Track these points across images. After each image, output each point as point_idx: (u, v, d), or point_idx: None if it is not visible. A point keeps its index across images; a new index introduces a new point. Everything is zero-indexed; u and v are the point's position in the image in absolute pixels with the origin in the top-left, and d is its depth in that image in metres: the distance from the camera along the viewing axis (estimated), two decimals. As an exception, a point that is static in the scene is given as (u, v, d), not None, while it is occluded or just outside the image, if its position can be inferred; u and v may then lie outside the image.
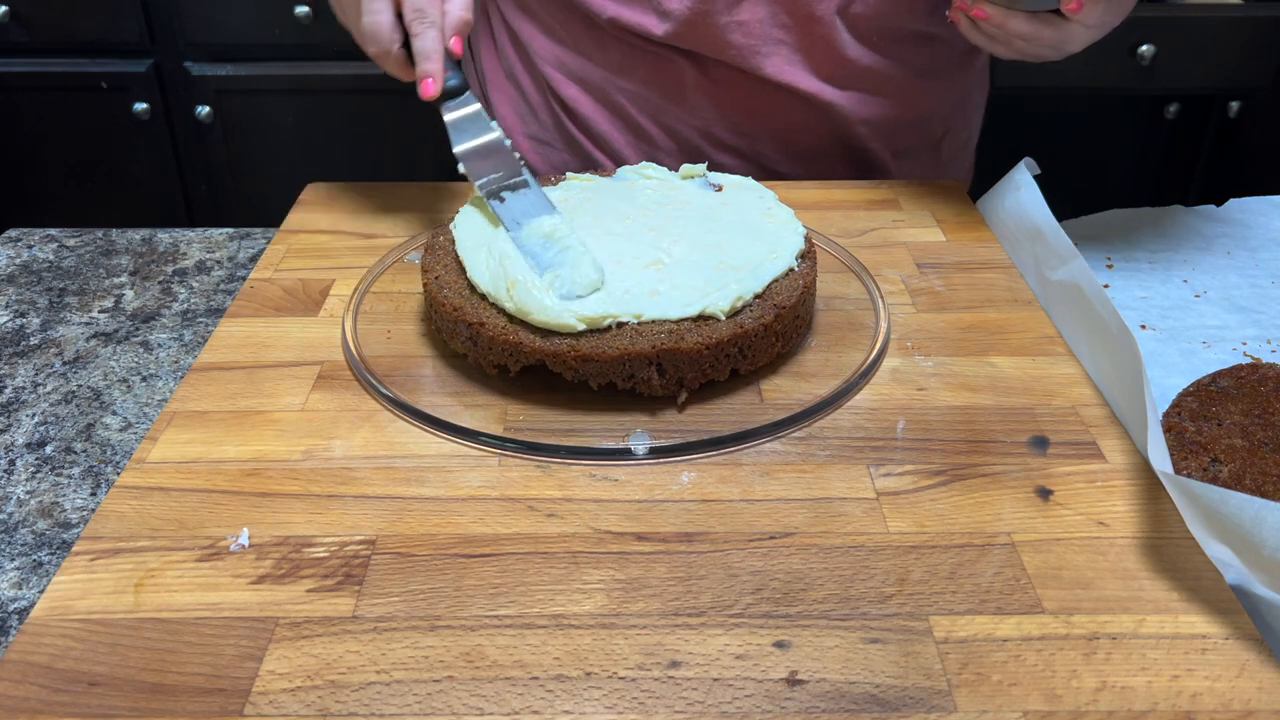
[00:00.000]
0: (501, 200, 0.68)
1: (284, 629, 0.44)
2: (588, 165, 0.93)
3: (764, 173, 0.90)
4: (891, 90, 0.87)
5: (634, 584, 0.47)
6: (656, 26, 0.82)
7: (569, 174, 0.74)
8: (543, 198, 0.68)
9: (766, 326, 0.59)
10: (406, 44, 0.70)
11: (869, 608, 0.45)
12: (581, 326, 0.57)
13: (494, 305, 0.60)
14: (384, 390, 0.59)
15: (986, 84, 1.01)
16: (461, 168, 0.70)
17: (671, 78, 0.86)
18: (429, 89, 0.69)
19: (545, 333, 0.57)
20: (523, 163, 0.70)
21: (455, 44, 0.70)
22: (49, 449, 0.59)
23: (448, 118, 0.71)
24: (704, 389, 0.59)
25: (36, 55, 1.91)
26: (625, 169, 0.76)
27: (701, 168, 0.74)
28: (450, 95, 0.71)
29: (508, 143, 0.71)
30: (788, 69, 0.84)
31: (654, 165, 0.75)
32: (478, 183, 0.69)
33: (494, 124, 0.72)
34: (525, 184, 0.69)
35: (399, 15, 0.69)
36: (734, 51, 0.82)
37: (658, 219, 0.67)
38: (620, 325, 0.57)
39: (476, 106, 0.72)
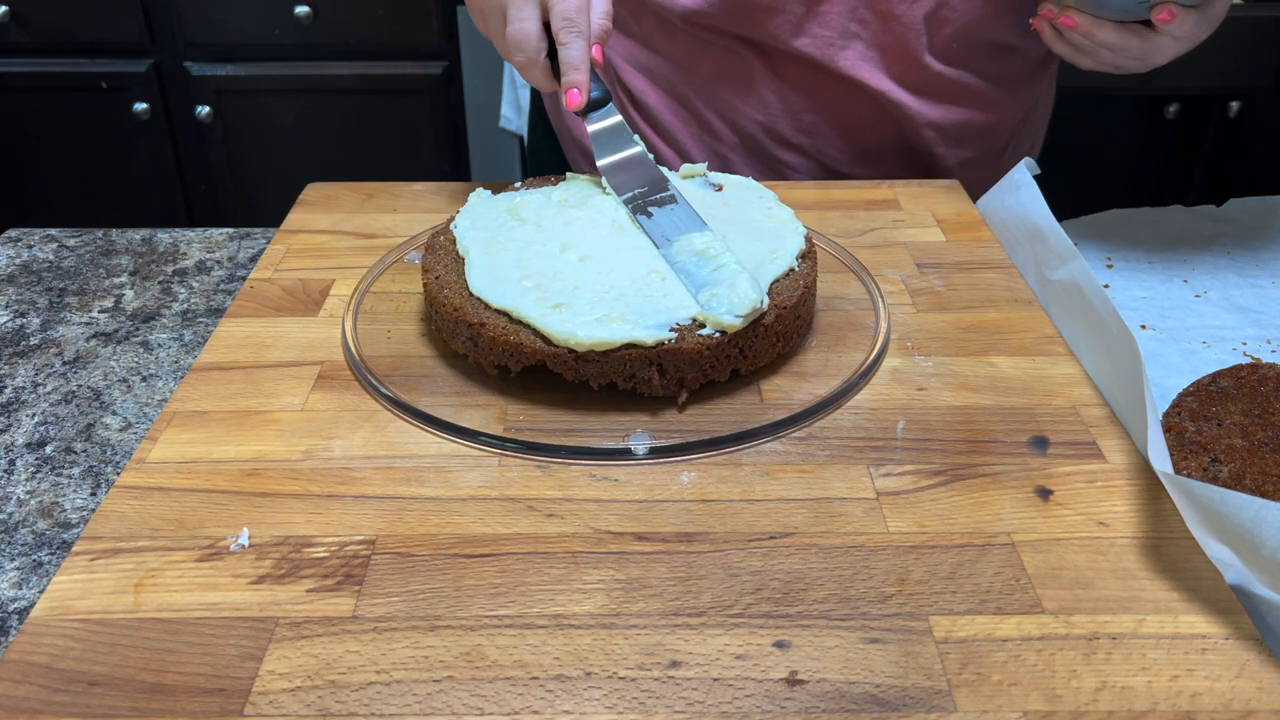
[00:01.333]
0: (649, 215, 0.66)
1: (284, 629, 0.44)
2: (656, 159, 0.92)
3: (825, 172, 0.91)
4: (963, 97, 0.87)
5: (634, 584, 0.47)
6: (730, 22, 0.83)
7: (568, 174, 0.74)
8: (692, 213, 0.66)
9: (767, 327, 0.59)
10: (551, 52, 0.69)
11: (869, 608, 0.45)
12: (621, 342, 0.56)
13: (500, 310, 0.59)
14: (384, 390, 0.59)
15: (1053, 94, 1.00)
16: (605, 182, 0.70)
17: (740, 71, 0.86)
18: (575, 99, 0.69)
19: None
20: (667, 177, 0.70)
21: (597, 53, 0.70)
22: (49, 449, 0.59)
23: (591, 129, 0.71)
24: (704, 389, 0.59)
25: (36, 55, 1.91)
26: None
27: (702, 167, 0.74)
28: (594, 106, 0.71)
29: (650, 156, 0.71)
30: (861, 65, 0.83)
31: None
32: (622, 197, 0.68)
33: (636, 138, 0.72)
34: (673, 199, 0.67)
35: (545, 24, 0.69)
36: (808, 40, 0.82)
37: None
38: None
39: (619, 119, 0.72)
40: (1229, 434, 0.57)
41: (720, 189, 0.72)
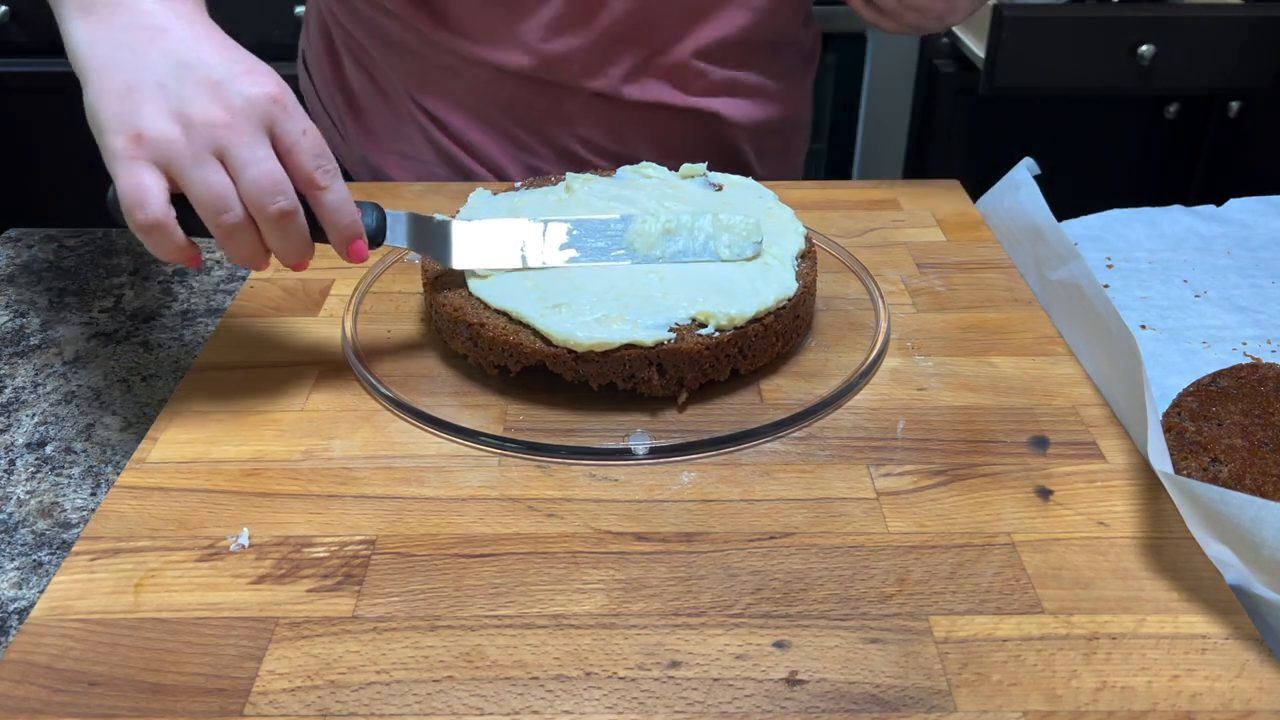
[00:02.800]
0: (574, 253, 0.62)
1: (284, 629, 0.44)
2: (466, 178, 0.91)
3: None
4: (756, 93, 0.91)
5: (634, 584, 0.47)
6: (524, 65, 0.84)
7: (569, 174, 0.74)
8: (594, 222, 0.64)
9: (766, 326, 0.59)
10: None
11: (869, 608, 0.45)
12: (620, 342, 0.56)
13: (500, 311, 0.59)
14: (384, 390, 0.59)
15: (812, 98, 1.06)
16: (490, 267, 0.62)
17: (545, 102, 0.87)
18: (362, 250, 0.57)
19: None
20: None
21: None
22: (49, 449, 0.59)
23: (408, 257, 0.66)
24: (704, 389, 0.59)
25: (36, 55, 1.91)
26: (626, 168, 0.76)
27: (701, 167, 0.74)
28: (378, 236, 0.59)
29: (469, 223, 0.64)
30: (654, 88, 0.86)
31: (654, 165, 0.75)
32: (520, 264, 0.62)
33: (437, 216, 0.64)
34: (567, 224, 0.64)
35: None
36: (601, 82, 0.85)
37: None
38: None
39: (405, 217, 0.60)
40: (1229, 434, 0.57)
41: (720, 189, 0.72)
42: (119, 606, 0.46)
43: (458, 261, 0.62)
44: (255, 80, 0.53)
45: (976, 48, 1.70)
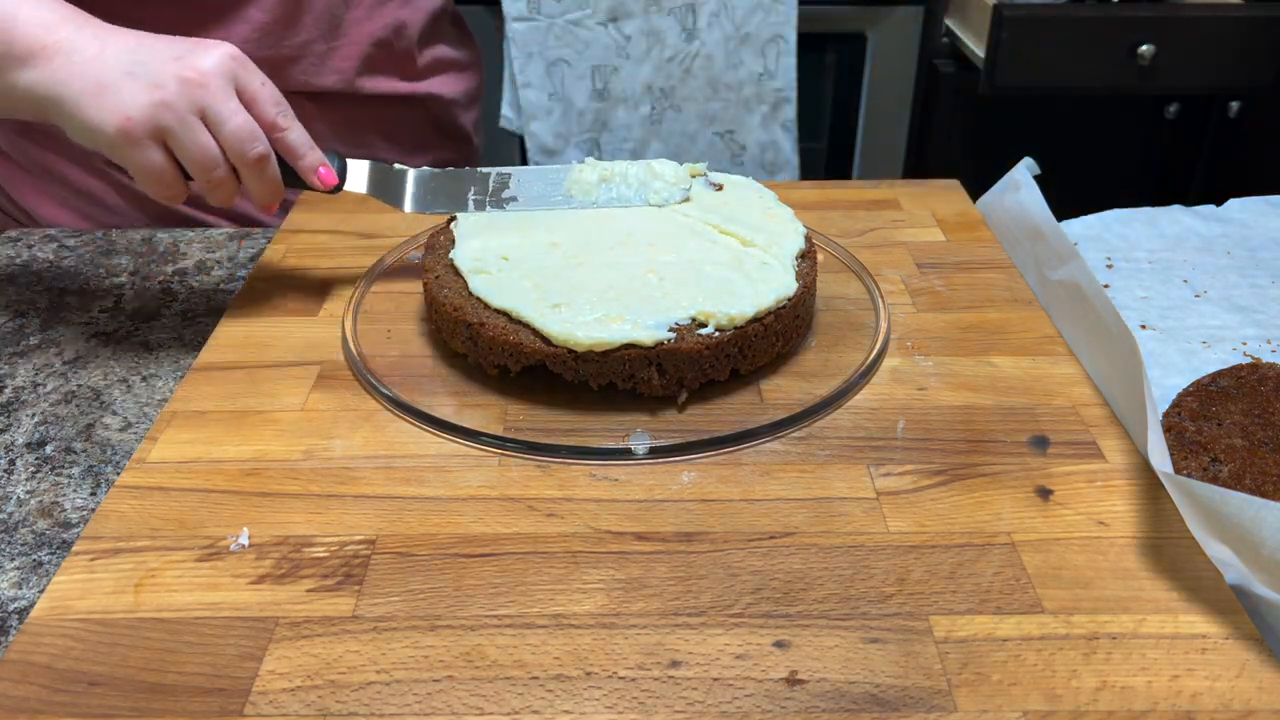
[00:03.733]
0: (516, 199, 0.69)
1: (284, 629, 0.44)
2: (183, 224, 0.86)
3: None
4: (453, 66, 0.94)
5: (634, 584, 0.47)
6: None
7: (574, 161, 0.75)
8: (541, 171, 0.70)
9: (766, 326, 0.59)
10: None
11: (869, 608, 0.45)
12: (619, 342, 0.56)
13: (499, 310, 0.59)
14: (384, 390, 0.59)
15: None
16: (439, 211, 0.70)
17: None
18: (329, 177, 0.64)
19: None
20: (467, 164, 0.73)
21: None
22: (49, 449, 0.59)
23: (365, 191, 0.68)
24: (704, 389, 0.59)
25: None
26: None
27: (702, 166, 0.74)
28: (340, 177, 0.66)
29: (425, 169, 0.70)
30: (381, 80, 0.88)
31: (663, 160, 0.75)
32: (468, 209, 0.69)
33: (396, 164, 0.70)
34: (509, 175, 0.70)
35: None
36: (335, 77, 0.85)
37: (658, 220, 0.67)
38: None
39: (367, 164, 0.68)
40: (1229, 434, 0.57)
41: (720, 188, 0.72)
42: (119, 606, 0.46)
43: (410, 206, 0.69)
44: (209, 46, 0.59)
45: (976, 48, 1.70)
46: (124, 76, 0.57)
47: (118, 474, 0.56)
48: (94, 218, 0.86)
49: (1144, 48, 1.57)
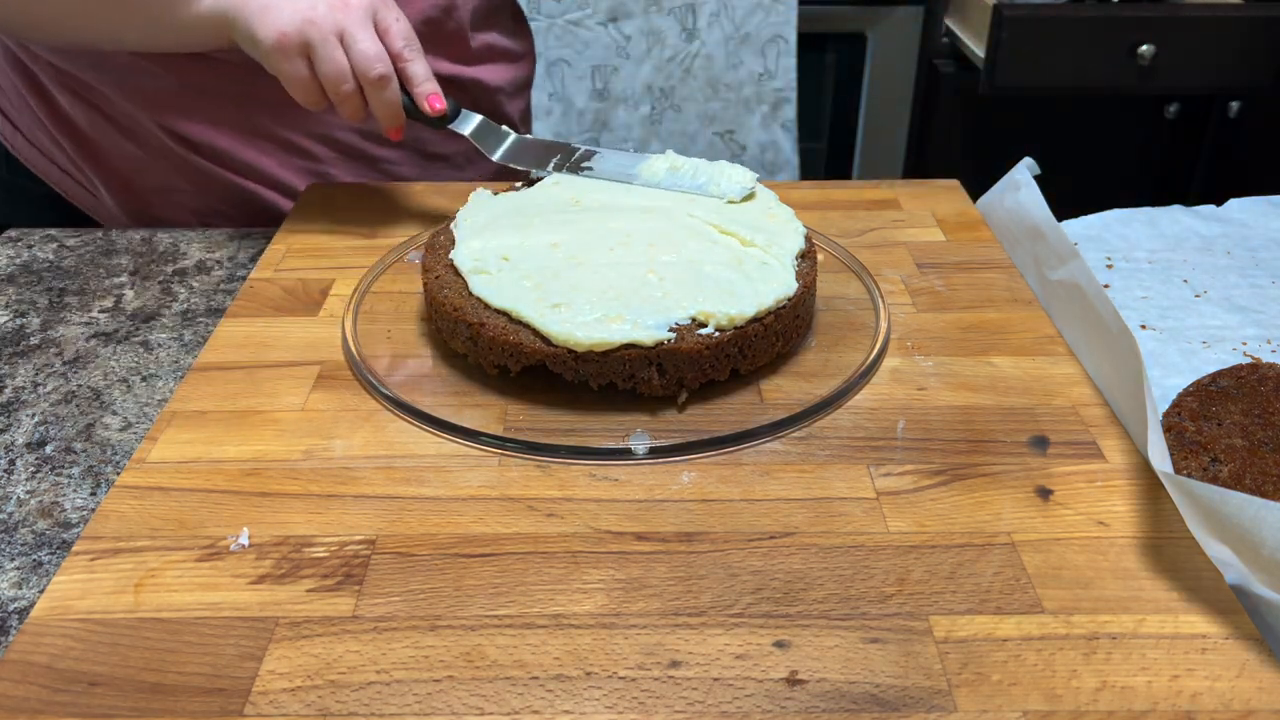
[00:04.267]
0: (592, 170, 0.73)
1: (284, 629, 0.44)
2: (241, 203, 0.88)
3: (425, 158, 0.94)
4: (505, 56, 0.97)
5: (634, 584, 0.47)
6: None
7: (584, 146, 0.75)
8: (627, 153, 0.75)
9: (766, 326, 0.59)
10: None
11: (869, 608, 0.45)
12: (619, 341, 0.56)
13: (499, 310, 0.59)
14: (384, 390, 0.59)
15: None
16: (522, 166, 0.75)
17: None
18: (437, 103, 0.73)
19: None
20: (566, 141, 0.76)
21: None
22: (49, 449, 0.59)
23: (467, 132, 0.76)
24: (704, 389, 0.59)
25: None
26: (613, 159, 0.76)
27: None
28: (453, 116, 0.75)
29: (527, 136, 0.77)
30: (430, 61, 0.86)
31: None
32: (548, 170, 0.74)
33: (504, 128, 0.77)
34: (594, 152, 0.75)
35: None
36: None
37: (659, 221, 0.67)
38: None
39: (481, 118, 0.76)
40: (1229, 434, 0.57)
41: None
42: (119, 606, 0.46)
43: (498, 157, 0.76)
44: None
45: (976, 48, 1.70)
46: (286, 1, 0.68)
47: (118, 474, 0.56)
48: (145, 179, 0.88)
49: (1144, 48, 1.58)
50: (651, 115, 1.83)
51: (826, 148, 2.03)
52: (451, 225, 0.69)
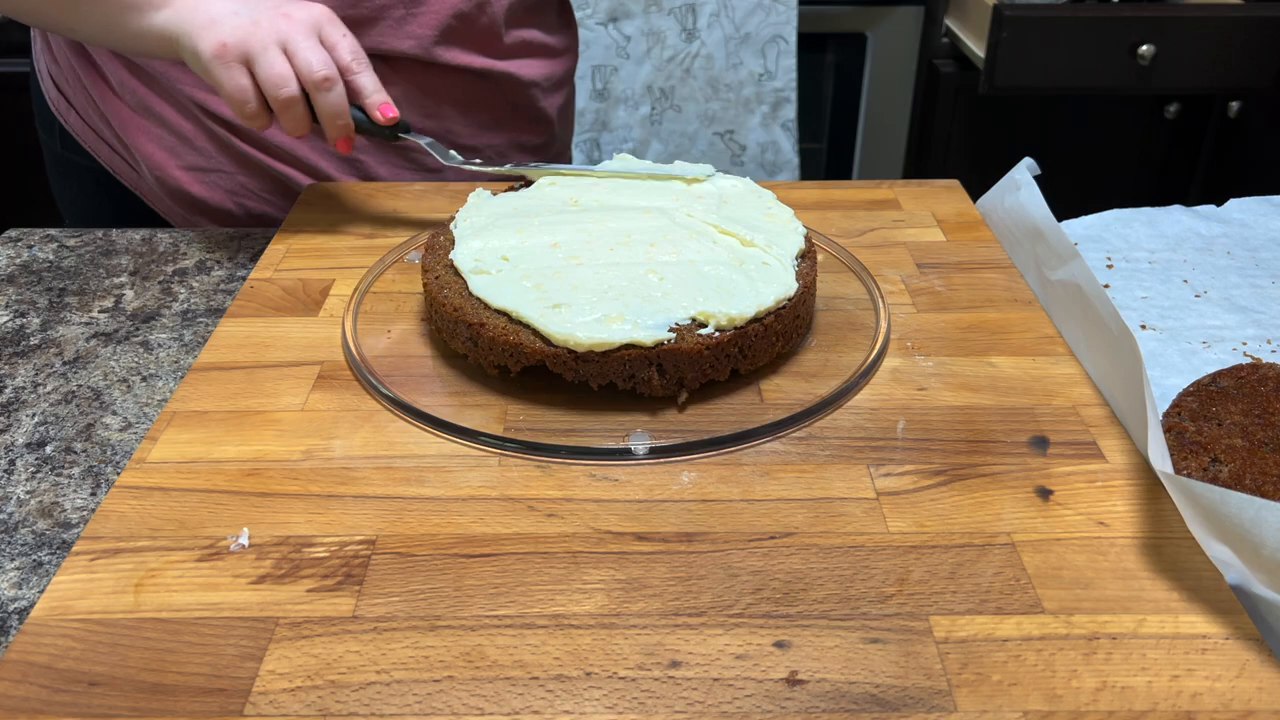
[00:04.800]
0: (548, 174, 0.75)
1: (284, 629, 0.44)
2: (272, 183, 0.89)
3: (456, 149, 0.93)
4: (541, 51, 0.95)
5: (634, 584, 0.47)
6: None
7: (552, 177, 0.74)
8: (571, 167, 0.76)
9: (767, 326, 0.59)
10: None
11: (869, 608, 0.45)
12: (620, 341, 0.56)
13: (499, 310, 0.59)
14: (384, 390, 0.59)
15: None
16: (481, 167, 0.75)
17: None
18: (389, 111, 0.73)
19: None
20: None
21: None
22: (49, 449, 0.59)
23: (423, 141, 0.76)
24: (704, 389, 0.59)
25: (36, 55, 1.90)
26: (609, 164, 0.76)
27: (710, 168, 0.74)
28: (404, 129, 0.75)
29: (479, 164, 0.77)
30: (459, 53, 0.88)
31: (684, 164, 0.75)
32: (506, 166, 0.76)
33: (452, 151, 0.77)
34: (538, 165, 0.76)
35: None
36: (411, 43, 0.85)
37: (659, 221, 0.67)
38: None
39: (430, 139, 0.76)
40: (1229, 434, 0.57)
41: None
42: (119, 606, 0.46)
43: (449, 162, 0.76)
44: (308, 3, 0.72)
45: (976, 48, 1.70)
46: (230, 14, 0.69)
47: (118, 474, 0.56)
48: (183, 158, 0.89)
49: (1144, 48, 1.58)
50: (651, 115, 1.83)
51: (826, 148, 2.03)
52: (451, 225, 0.69)
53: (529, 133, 0.98)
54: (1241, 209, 0.87)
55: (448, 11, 0.85)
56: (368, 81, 0.72)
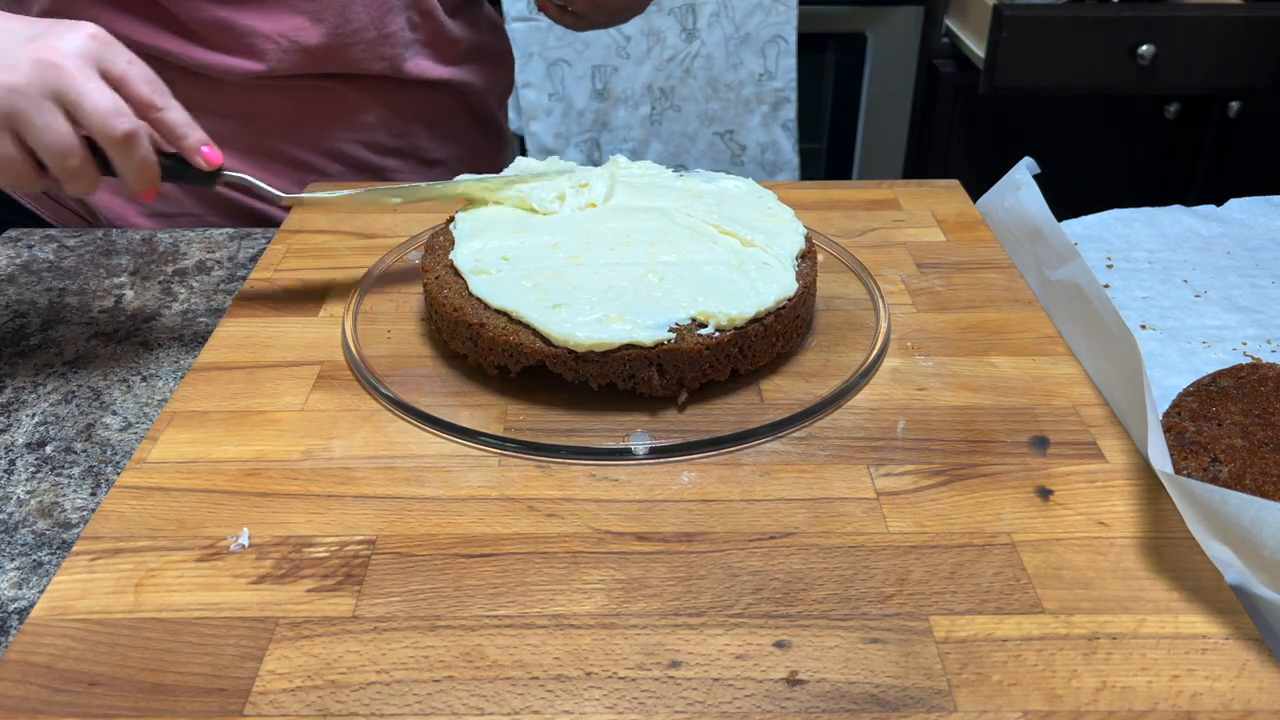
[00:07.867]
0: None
1: (284, 629, 0.44)
2: (246, 221, 0.88)
3: (423, 164, 0.94)
4: (486, 55, 0.96)
5: (634, 584, 0.47)
6: (309, 67, 0.82)
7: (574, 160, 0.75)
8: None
9: (767, 326, 0.59)
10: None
11: (869, 608, 0.45)
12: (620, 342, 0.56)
13: (499, 311, 0.59)
14: (384, 390, 0.59)
15: None
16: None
17: (326, 107, 0.86)
18: (215, 155, 0.60)
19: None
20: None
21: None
22: (49, 449, 0.59)
23: (257, 186, 0.64)
24: (704, 389, 0.59)
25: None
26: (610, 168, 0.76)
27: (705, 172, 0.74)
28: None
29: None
30: (422, 64, 0.88)
31: (690, 170, 0.75)
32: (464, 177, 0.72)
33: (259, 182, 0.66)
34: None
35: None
36: (384, 64, 0.85)
37: (659, 221, 0.67)
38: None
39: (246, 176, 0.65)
40: (1229, 434, 0.57)
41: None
42: (119, 606, 0.46)
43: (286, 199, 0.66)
44: (68, 26, 0.55)
45: (976, 48, 1.70)
46: None
47: (118, 474, 0.56)
48: (147, 205, 0.86)
49: (1144, 48, 1.57)
50: (651, 115, 1.83)
51: (826, 148, 2.03)
52: (451, 225, 0.69)
53: (484, 139, 1.00)
54: (1241, 209, 0.87)
55: (404, 16, 0.85)
56: (177, 116, 0.58)
